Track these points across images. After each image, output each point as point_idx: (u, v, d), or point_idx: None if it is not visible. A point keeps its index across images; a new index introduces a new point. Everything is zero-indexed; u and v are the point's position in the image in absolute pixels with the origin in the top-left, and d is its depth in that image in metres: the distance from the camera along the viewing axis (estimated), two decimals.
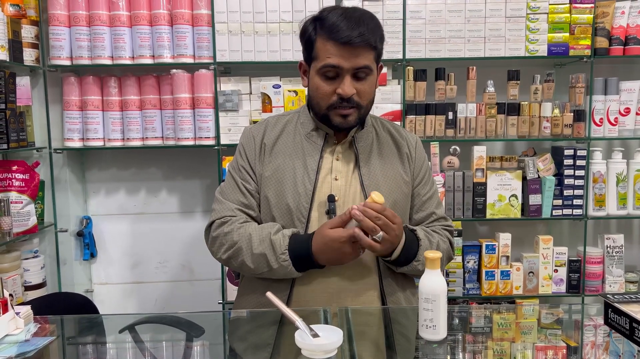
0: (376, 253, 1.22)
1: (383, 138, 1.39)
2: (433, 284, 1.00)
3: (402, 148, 1.39)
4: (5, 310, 1.04)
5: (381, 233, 1.16)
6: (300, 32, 1.29)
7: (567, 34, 2.18)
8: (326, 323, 1.10)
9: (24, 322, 1.09)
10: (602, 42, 2.20)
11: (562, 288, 2.29)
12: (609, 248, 2.29)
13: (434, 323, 1.00)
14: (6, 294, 1.04)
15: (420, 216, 1.40)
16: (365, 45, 1.20)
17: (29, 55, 2.13)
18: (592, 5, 2.16)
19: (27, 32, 2.12)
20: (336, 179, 1.31)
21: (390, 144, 1.39)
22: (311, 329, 0.94)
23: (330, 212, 1.27)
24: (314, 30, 1.24)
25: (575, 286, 2.29)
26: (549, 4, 2.16)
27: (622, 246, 2.29)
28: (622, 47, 2.21)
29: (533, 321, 1.30)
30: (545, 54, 2.18)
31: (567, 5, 2.16)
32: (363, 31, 1.19)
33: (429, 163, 1.50)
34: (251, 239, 1.25)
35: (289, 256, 1.22)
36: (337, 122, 1.27)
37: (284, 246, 1.23)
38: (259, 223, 1.35)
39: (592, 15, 2.17)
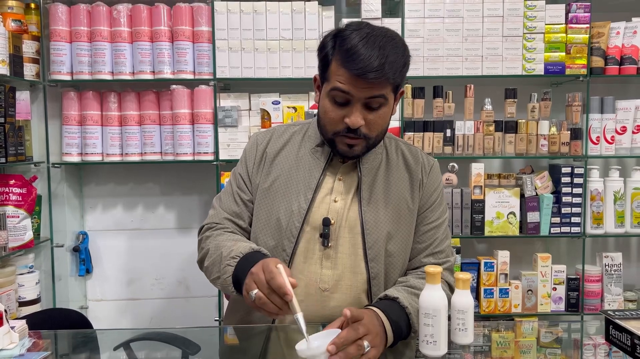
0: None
1: (393, 162, 1.28)
2: (433, 299, 0.99)
3: (414, 174, 1.28)
4: (0, 324, 1.02)
5: (366, 342, 0.98)
6: (319, 45, 1.18)
7: (563, 54, 2.20)
8: None
9: (19, 336, 1.07)
10: (597, 62, 2.22)
11: (561, 306, 2.28)
12: (607, 267, 2.28)
13: (434, 338, 0.99)
14: (1, 308, 1.02)
15: (418, 248, 1.28)
16: (380, 81, 1.09)
17: (29, 70, 2.14)
18: (588, 25, 2.20)
19: (28, 47, 2.13)
20: (335, 201, 1.23)
21: (401, 168, 1.28)
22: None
23: (324, 237, 1.20)
24: (332, 49, 1.13)
25: (574, 304, 2.28)
26: (545, 24, 2.19)
27: (620, 264, 2.28)
28: (618, 66, 2.24)
29: (532, 340, 1.29)
30: (542, 73, 2.20)
31: (563, 25, 2.20)
32: (381, 64, 1.07)
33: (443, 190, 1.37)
34: (220, 242, 1.20)
35: (235, 263, 1.11)
36: (342, 150, 1.19)
37: (239, 252, 1.13)
38: (248, 234, 1.30)
39: (587, 35, 2.20)
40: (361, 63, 1.07)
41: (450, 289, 1.26)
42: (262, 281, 1.00)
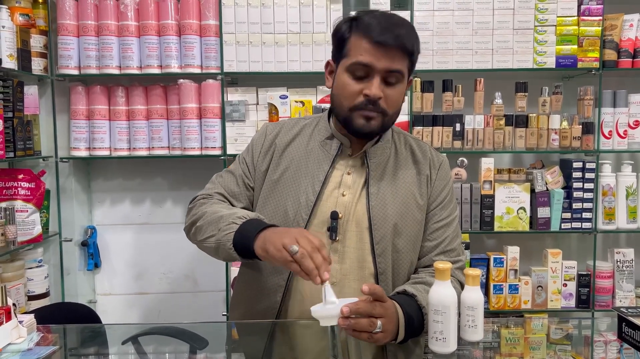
0: (378, 342, 1.05)
1: (402, 156, 1.28)
2: (443, 295, 0.98)
3: (422, 169, 1.28)
4: (8, 318, 1.02)
5: (379, 322, 1.01)
6: (333, 30, 1.22)
7: (575, 46, 2.17)
8: None
9: (27, 331, 1.07)
10: (610, 55, 2.19)
11: (572, 302, 2.26)
12: (619, 263, 2.25)
13: (443, 335, 0.98)
14: (10, 302, 1.02)
15: (429, 246, 1.27)
16: (400, 49, 1.14)
17: (37, 65, 2.14)
18: (600, 17, 2.16)
19: (36, 42, 2.14)
20: (343, 195, 1.23)
21: (409, 163, 1.28)
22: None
23: (332, 230, 1.20)
24: (349, 29, 1.18)
25: (584, 301, 2.25)
26: (557, 16, 2.16)
27: (632, 260, 2.26)
28: (631, 59, 2.20)
29: (542, 336, 1.28)
30: (553, 66, 2.17)
31: (575, 17, 2.16)
32: (401, 33, 1.13)
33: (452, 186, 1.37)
34: (220, 208, 1.21)
35: (242, 222, 1.13)
36: (359, 125, 1.18)
37: (246, 214, 1.16)
38: None
39: (600, 28, 2.16)
40: (382, 32, 1.12)
41: (462, 288, 1.23)
42: (308, 241, 1.03)
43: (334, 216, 1.20)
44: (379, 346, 1.12)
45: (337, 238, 1.21)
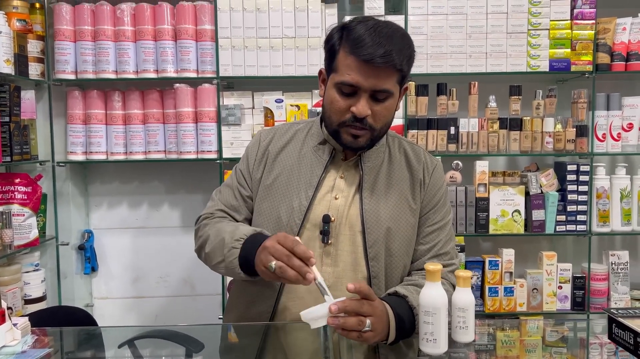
0: (368, 341, 1.04)
1: (396, 160, 1.29)
2: (433, 297, 0.99)
3: (416, 173, 1.28)
4: (2, 321, 1.03)
5: (368, 321, 1.01)
6: (325, 38, 1.21)
7: (569, 50, 2.18)
8: None
9: (21, 333, 1.08)
10: (603, 58, 2.20)
11: (567, 305, 2.26)
12: (613, 265, 2.26)
13: (434, 336, 0.99)
14: (3, 304, 1.03)
15: (422, 249, 1.27)
16: (388, 67, 1.11)
17: (34, 70, 2.15)
18: (594, 21, 2.18)
19: (33, 47, 2.15)
20: (336, 198, 1.23)
21: (402, 167, 1.29)
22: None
23: (324, 234, 1.20)
24: (339, 40, 1.16)
25: (580, 303, 2.26)
26: (550, 20, 2.17)
27: (627, 262, 2.26)
28: (624, 63, 2.21)
29: (537, 339, 1.28)
30: (547, 70, 2.18)
31: (568, 21, 2.18)
32: (389, 50, 1.09)
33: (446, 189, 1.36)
34: (220, 227, 1.23)
35: (241, 245, 1.14)
36: (346, 141, 1.19)
37: (243, 234, 1.16)
38: None
39: (593, 32, 2.18)
40: (369, 49, 1.10)
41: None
42: (280, 250, 1.02)
43: (326, 219, 1.21)
44: (371, 348, 1.12)
45: (330, 242, 1.22)
